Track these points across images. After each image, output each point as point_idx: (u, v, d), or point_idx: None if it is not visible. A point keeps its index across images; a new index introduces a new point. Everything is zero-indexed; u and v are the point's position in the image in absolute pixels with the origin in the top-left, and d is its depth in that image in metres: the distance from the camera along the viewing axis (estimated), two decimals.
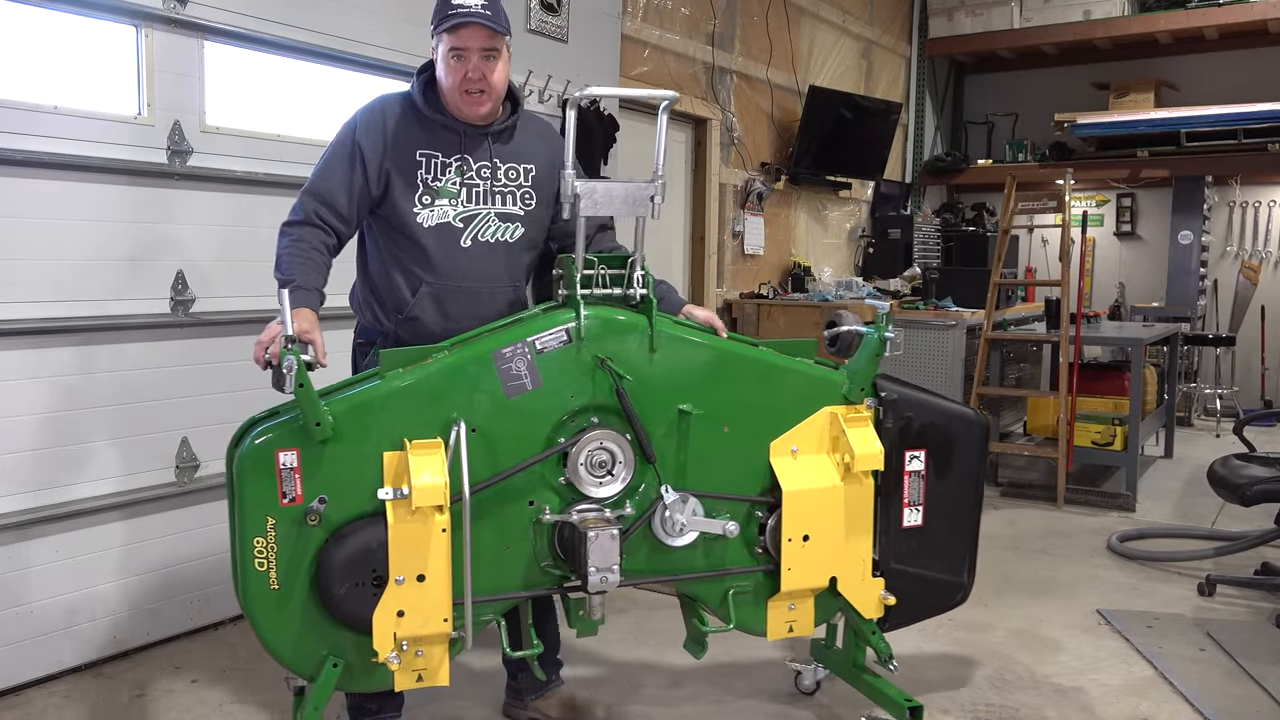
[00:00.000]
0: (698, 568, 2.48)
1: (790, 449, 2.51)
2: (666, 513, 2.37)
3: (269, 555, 2.13)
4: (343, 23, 3.75)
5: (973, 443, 2.68)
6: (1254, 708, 2.98)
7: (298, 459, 2.12)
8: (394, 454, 2.17)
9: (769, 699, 3.01)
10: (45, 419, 3.03)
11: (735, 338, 2.52)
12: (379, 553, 2.13)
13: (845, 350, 2.60)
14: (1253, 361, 8.13)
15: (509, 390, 2.26)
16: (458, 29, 2.34)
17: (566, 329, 2.30)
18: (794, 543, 2.47)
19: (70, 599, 3.12)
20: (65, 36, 3.07)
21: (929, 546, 2.66)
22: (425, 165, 2.43)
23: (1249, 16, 7.51)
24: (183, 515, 3.40)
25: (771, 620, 2.57)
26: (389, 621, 2.13)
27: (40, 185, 2.97)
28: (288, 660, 2.20)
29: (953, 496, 2.67)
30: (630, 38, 5.38)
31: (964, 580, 2.74)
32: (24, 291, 2.96)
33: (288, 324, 2.03)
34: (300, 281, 2.26)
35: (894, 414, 2.59)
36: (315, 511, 2.13)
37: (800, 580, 2.50)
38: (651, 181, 2.34)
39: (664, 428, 2.39)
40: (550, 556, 2.36)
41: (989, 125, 9.14)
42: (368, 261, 2.55)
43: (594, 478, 2.33)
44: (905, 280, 7.25)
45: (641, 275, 2.37)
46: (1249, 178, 8.24)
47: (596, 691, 3.02)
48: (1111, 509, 5.31)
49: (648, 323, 2.36)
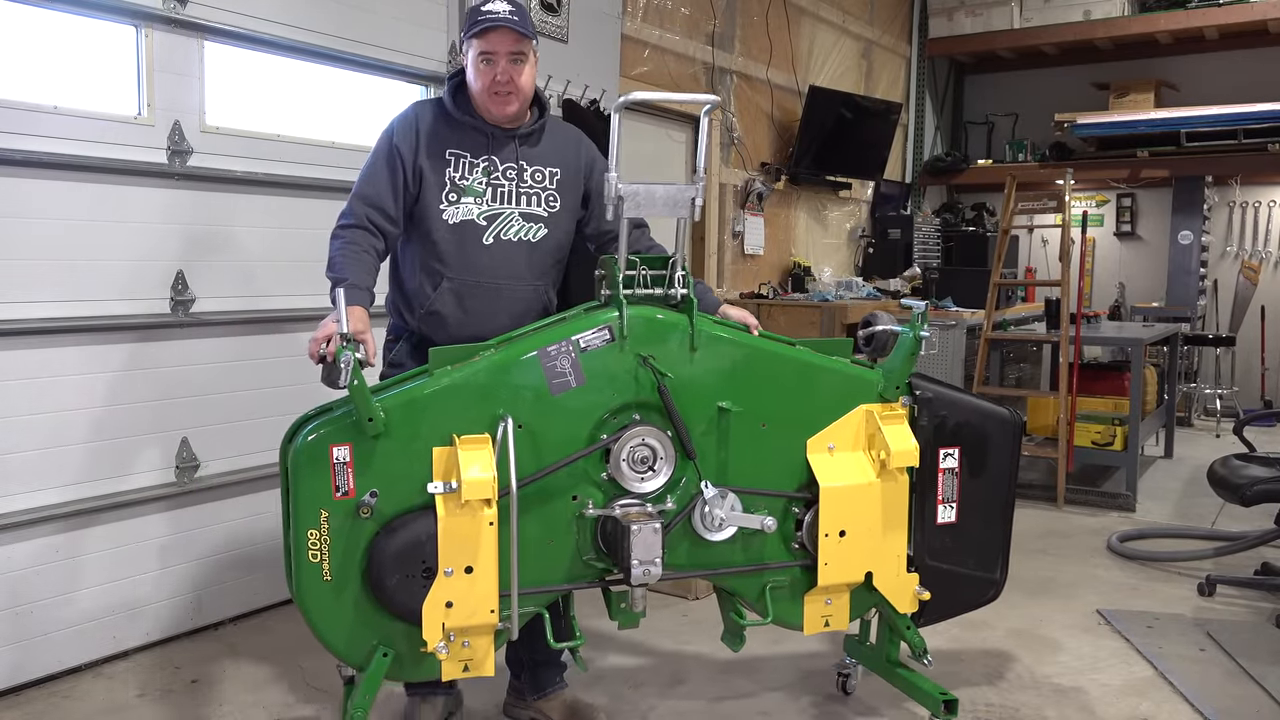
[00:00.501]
0: (736, 562, 2.52)
1: (827, 446, 2.55)
2: (706, 508, 2.41)
3: (322, 547, 2.19)
4: (343, 23, 3.75)
5: (1006, 441, 2.72)
6: (1254, 708, 2.98)
7: (350, 454, 2.18)
8: (443, 449, 2.23)
9: (772, 694, 3.01)
10: (45, 419, 3.03)
11: (771, 336, 2.58)
12: (429, 545, 2.19)
13: (880, 349, 2.64)
14: (1253, 361, 8.13)
15: (554, 387, 2.32)
16: (486, 33, 2.45)
17: (610, 328, 2.36)
18: (830, 538, 2.52)
19: (70, 599, 3.12)
20: (65, 36, 3.07)
21: (963, 543, 2.70)
22: (454, 164, 2.52)
23: (1249, 16, 7.51)
24: (182, 515, 3.40)
25: (808, 615, 2.61)
26: (438, 612, 2.19)
27: (40, 185, 2.97)
28: (340, 650, 2.26)
29: (986, 494, 2.71)
30: (630, 38, 5.38)
31: (997, 577, 2.77)
32: (24, 291, 2.96)
33: (343, 321, 2.10)
34: (353, 280, 2.34)
35: (929, 412, 2.63)
36: (367, 505, 2.19)
37: (837, 575, 2.55)
38: (693, 184, 2.38)
39: (704, 425, 2.44)
40: (593, 550, 2.40)
41: (989, 125, 9.14)
42: (397, 261, 2.65)
43: (636, 473, 2.38)
44: (905, 280, 7.25)
45: (682, 275, 2.43)
46: (1249, 178, 8.24)
47: (596, 692, 3.02)
48: (1111, 509, 5.30)
49: (688, 322, 2.41)
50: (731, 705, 2.97)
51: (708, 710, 2.94)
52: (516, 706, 2.84)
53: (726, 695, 3.03)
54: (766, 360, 2.50)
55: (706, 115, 2.37)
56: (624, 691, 3.05)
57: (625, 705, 2.96)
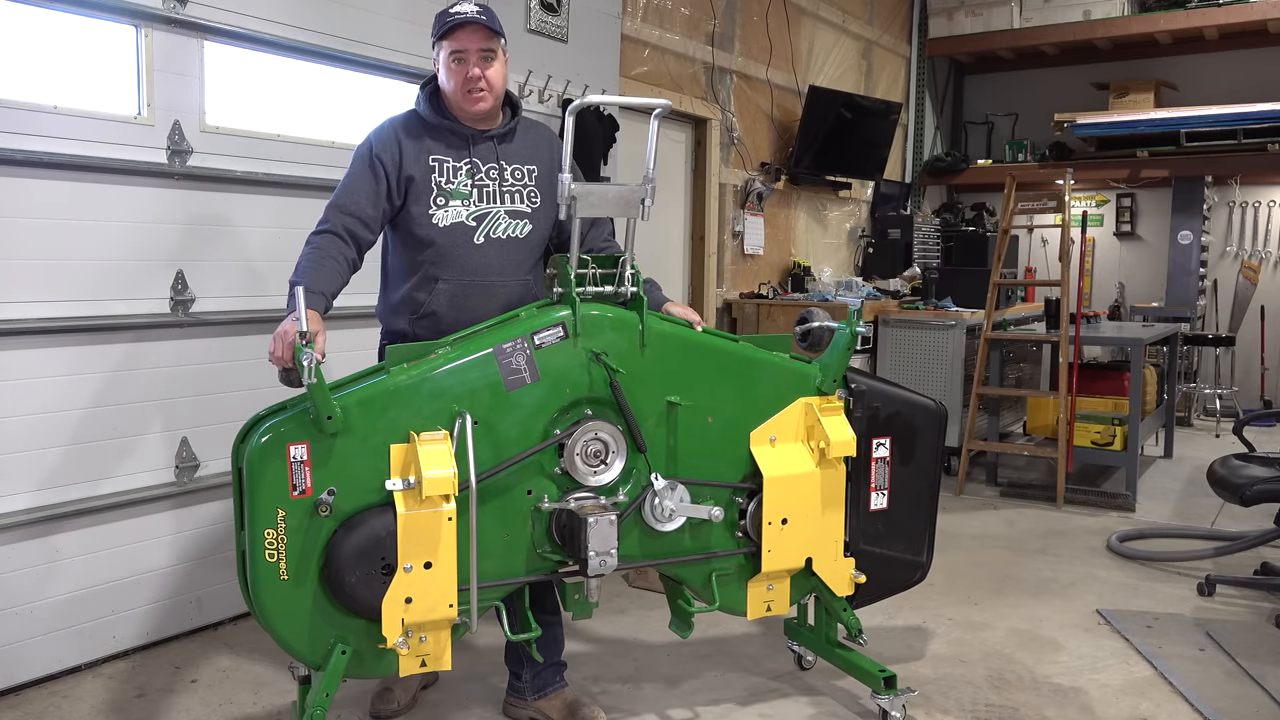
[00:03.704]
0: (684, 551, 2.60)
1: (769, 438, 2.64)
2: (656, 499, 2.49)
3: (279, 547, 2.18)
4: (343, 23, 3.75)
5: (933, 431, 2.85)
6: (1254, 708, 2.98)
7: (308, 452, 2.19)
8: (401, 446, 2.25)
9: (772, 696, 3.01)
10: (45, 419, 3.03)
11: (714, 333, 2.65)
12: (388, 541, 2.20)
13: (815, 345, 2.77)
14: (1253, 361, 8.13)
15: (509, 384, 2.36)
16: (455, 31, 2.53)
17: (563, 325, 2.41)
18: (774, 526, 2.61)
19: (70, 599, 3.12)
20: (65, 36, 3.07)
21: (893, 528, 2.84)
22: (438, 169, 2.58)
23: (1249, 16, 7.51)
24: (182, 515, 3.40)
25: (751, 600, 2.70)
26: (397, 608, 2.21)
27: (40, 185, 2.97)
28: (298, 649, 2.25)
29: (914, 481, 2.84)
30: (630, 38, 5.38)
31: (924, 560, 2.91)
32: (24, 291, 2.96)
33: (302, 320, 2.12)
34: (309, 285, 2.36)
35: (863, 404, 2.75)
36: (325, 503, 2.19)
37: (780, 561, 2.64)
38: (643, 185, 2.43)
39: (653, 418, 2.51)
40: (548, 543, 2.45)
41: (989, 125, 9.14)
42: (388, 271, 2.71)
43: (589, 467, 2.44)
44: (905, 280, 7.25)
45: (632, 274, 2.50)
46: (1249, 178, 8.24)
47: (595, 692, 3.03)
48: (1111, 509, 5.31)
49: (639, 319, 2.47)
50: (732, 706, 2.97)
51: (707, 711, 2.95)
52: (516, 706, 2.84)
53: (726, 697, 3.03)
54: (712, 355, 2.58)
55: (656, 119, 2.41)
56: (623, 691, 3.05)
57: (624, 705, 2.96)
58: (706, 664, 3.26)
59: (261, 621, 2.23)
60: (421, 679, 2.96)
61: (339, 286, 2.47)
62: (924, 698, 3.02)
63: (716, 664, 3.25)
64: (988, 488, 5.78)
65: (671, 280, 6.18)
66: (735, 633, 3.51)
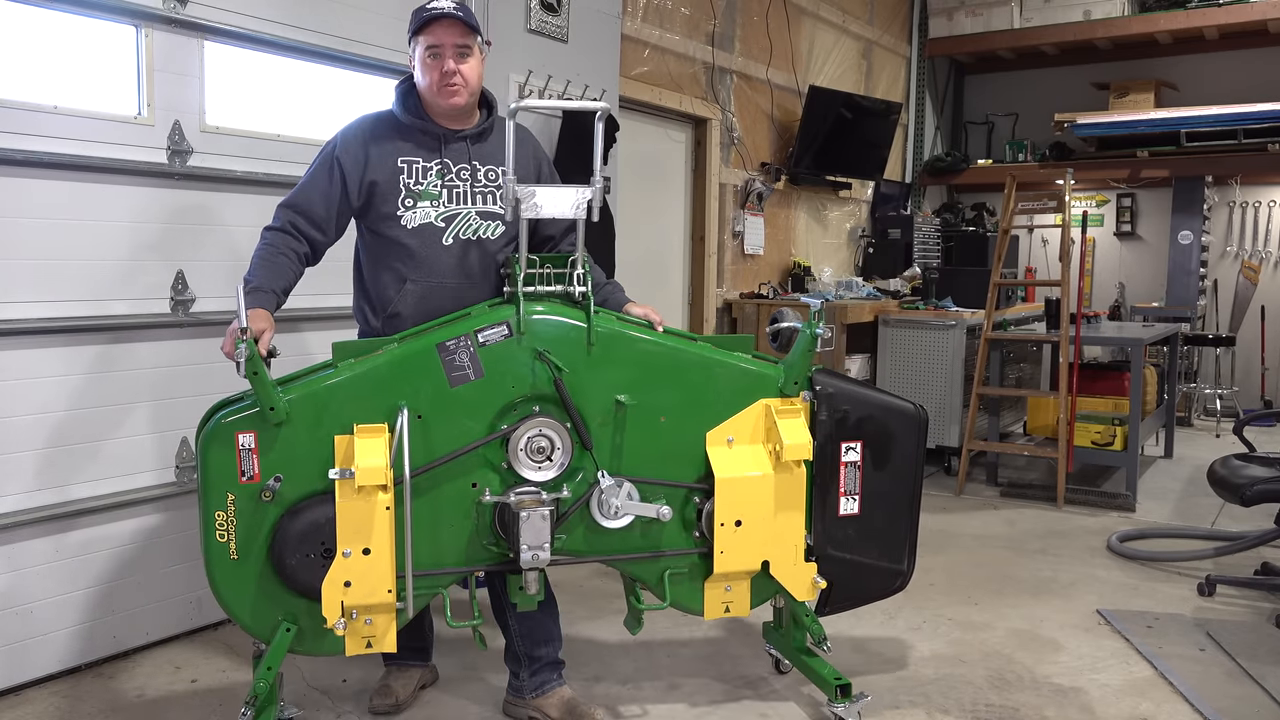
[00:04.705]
0: (635, 549, 2.63)
1: (726, 439, 2.64)
2: (603, 496, 2.53)
3: (229, 528, 2.34)
4: (342, 22, 3.75)
5: (911, 435, 2.80)
6: (1254, 708, 2.98)
7: (255, 440, 2.32)
8: (344, 437, 2.35)
9: (774, 696, 3.01)
10: (45, 419, 3.03)
11: (673, 332, 2.66)
12: (328, 527, 2.31)
13: (785, 345, 2.76)
14: (1253, 361, 8.13)
15: (453, 380, 2.43)
16: (431, 25, 2.52)
17: (508, 323, 2.47)
18: (726, 527, 2.60)
19: (70, 598, 3.12)
20: (65, 36, 3.07)
21: (867, 534, 2.79)
22: (407, 170, 2.59)
23: (1249, 16, 7.51)
24: (183, 515, 3.39)
25: (708, 600, 2.71)
26: (336, 591, 2.32)
27: (40, 185, 2.97)
28: (245, 623, 2.40)
29: (891, 487, 2.79)
30: (630, 38, 5.38)
31: (904, 568, 2.85)
32: (23, 291, 2.96)
33: (242, 317, 2.21)
34: (257, 284, 2.45)
35: (829, 407, 2.72)
36: (270, 489, 2.32)
37: (733, 563, 2.63)
38: (589, 185, 2.45)
39: (601, 417, 2.54)
40: (491, 535, 2.52)
41: (989, 125, 9.14)
42: (361, 268, 2.72)
43: (533, 462, 2.48)
44: (905, 280, 7.25)
45: (581, 274, 2.54)
46: (1249, 178, 8.24)
47: (595, 692, 3.03)
48: (1111, 509, 5.31)
49: (586, 317, 2.51)
50: (731, 706, 2.97)
51: (706, 711, 2.95)
52: (515, 705, 2.84)
53: (725, 698, 3.04)
54: (665, 355, 2.59)
55: (600, 121, 2.43)
56: (623, 691, 3.05)
57: (624, 705, 2.96)
58: (707, 664, 3.26)
59: (216, 597, 2.38)
60: (421, 677, 2.97)
61: (290, 282, 2.53)
62: (924, 697, 3.02)
63: (717, 664, 3.25)
64: (988, 488, 5.78)
65: (671, 280, 6.19)
66: (737, 635, 3.51)
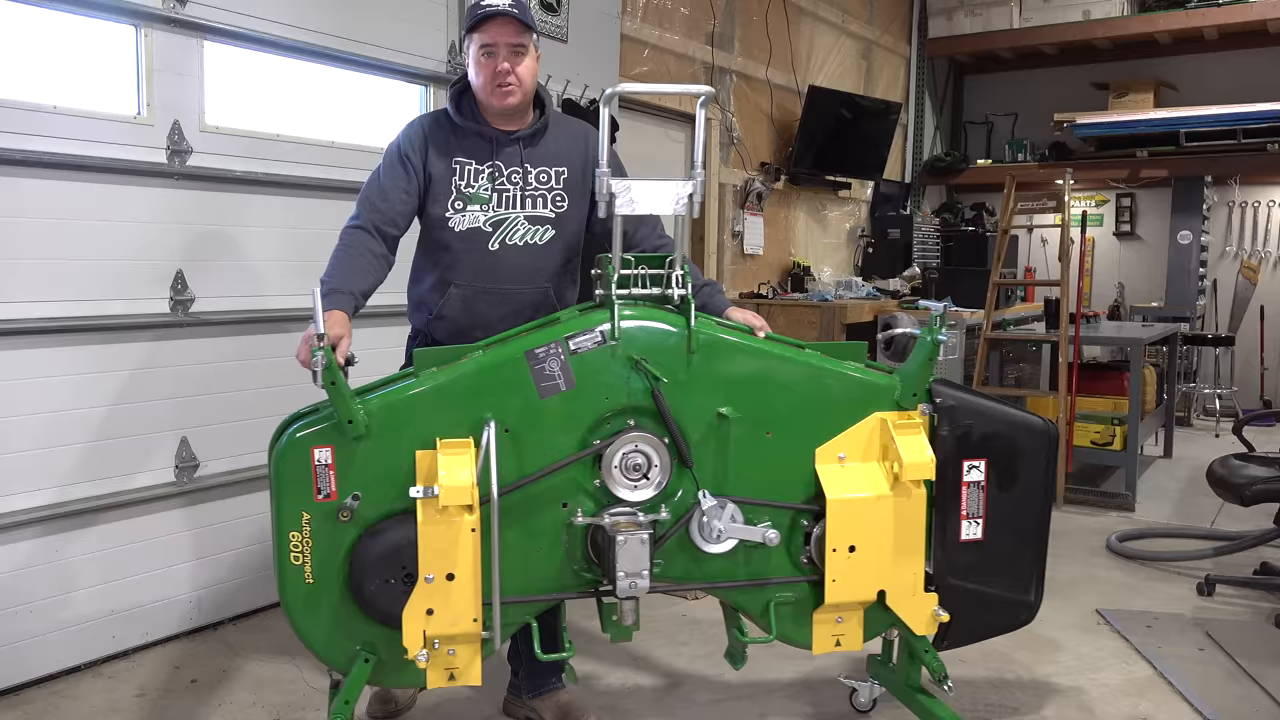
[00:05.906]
0: (738, 576, 2.41)
1: (837, 456, 2.41)
2: (704, 518, 2.31)
3: (304, 550, 2.17)
4: (343, 23, 3.75)
5: (1040, 454, 2.52)
6: (1253, 707, 2.98)
7: (332, 456, 2.15)
8: (426, 452, 2.17)
9: (772, 697, 3.01)
10: (45, 419, 3.03)
11: (779, 339, 2.46)
12: (409, 550, 2.14)
13: (900, 354, 2.52)
14: (1252, 361, 8.13)
15: (542, 391, 2.24)
16: (486, 24, 2.44)
17: (601, 330, 2.27)
18: (839, 553, 2.37)
19: (69, 598, 3.12)
20: (65, 36, 3.07)
21: (990, 562, 2.52)
22: (459, 172, 2.53)
23: (1249, 16, 7.51)
24: (182, 515, 3.40)
25: (817, 634, 2.47)
26: (418, 619, 2.15)
27: (40, 185, 2.97)
28: (321, 653, 2.24)
29: (1017, 510, 2.52)
30: (630, 38, 5.38)
31: (1030, 598, 2.58)
32: (23, 291, 2.96)
33: (319, 323, 2.07)
34: (335, 285, 2.32)
35: (950, 421, 2.46)
36: (348, 508, 2.16)
37: (845, 593, 2.40)
38: (689, 179, 2.29)
39: (702, 431, 2.33)
40: (584, 560, 2.33)
41: (989, 125, 9.14)
42: (415, 268, 2.69)
43: (628, 481, 2.28)
44: (905, 280, 7.25)
45: (680, 275, 2.34)
46: (1248, 178, 8.24)
47: (596, 692, 3.02)
48: (1111, 509, 5.31)
49: (685, 324, 2.30)
50: (730, 707, 2.97)
51: (705, 712, 2.94)
52: (514, 704, 2.84)
53: (724, 698, 3.03)
54: (771, 364, 2.38)
55: (703, 108, 2.29)
56: (623, 691, 3.05)
57: (624, 706, 2.96)
58: (708, 665, 3.25)
59: (290, 624, 2.22)
60: None
61: (371, 284, 2.42)
62: None
63: (717, 664, 3.25)
64: None
65: None
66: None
